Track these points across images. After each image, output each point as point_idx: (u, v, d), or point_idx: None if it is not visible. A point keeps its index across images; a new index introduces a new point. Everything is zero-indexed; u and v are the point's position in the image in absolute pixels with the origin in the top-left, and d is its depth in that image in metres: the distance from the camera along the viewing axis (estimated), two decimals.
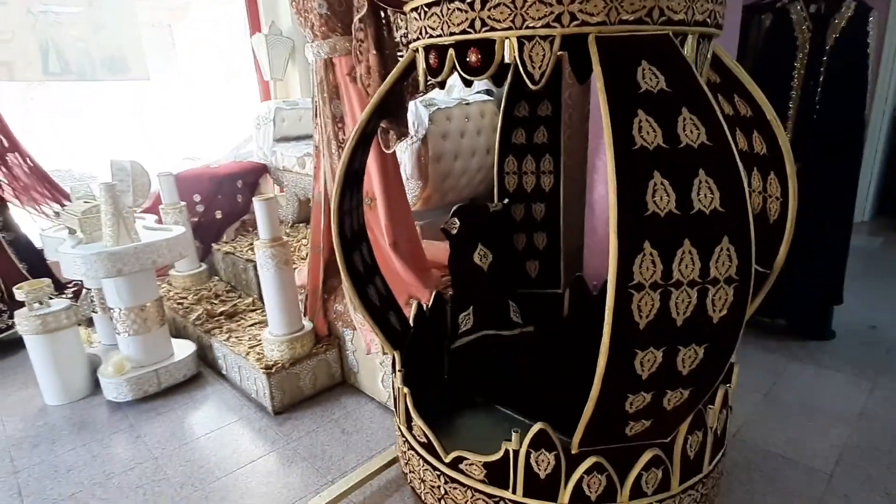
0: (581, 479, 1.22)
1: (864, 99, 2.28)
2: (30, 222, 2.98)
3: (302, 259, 2.74)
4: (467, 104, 2.72)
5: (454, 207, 1.85)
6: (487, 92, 2.93)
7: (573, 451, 1.20)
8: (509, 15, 1.06)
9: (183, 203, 3.09)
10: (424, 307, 1.82)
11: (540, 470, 1.23)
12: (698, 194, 0.99)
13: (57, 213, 2.95)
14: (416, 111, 2.47)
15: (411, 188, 2.55)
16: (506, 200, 2.00)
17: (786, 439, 1.85)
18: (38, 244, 2.96)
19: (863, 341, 2.51)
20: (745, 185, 1.02)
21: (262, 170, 3.65)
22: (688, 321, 1.01)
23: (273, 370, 2.11)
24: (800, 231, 1.45)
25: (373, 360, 2.14)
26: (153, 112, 4.08)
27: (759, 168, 1.47)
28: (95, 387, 2.35)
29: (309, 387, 2.24)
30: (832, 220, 2.38)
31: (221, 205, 3.43)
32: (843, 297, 2.49)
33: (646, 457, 1.22)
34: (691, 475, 1.31)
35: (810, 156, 2.27)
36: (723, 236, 0.99)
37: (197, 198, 3.37)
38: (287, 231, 3.36)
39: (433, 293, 1.91)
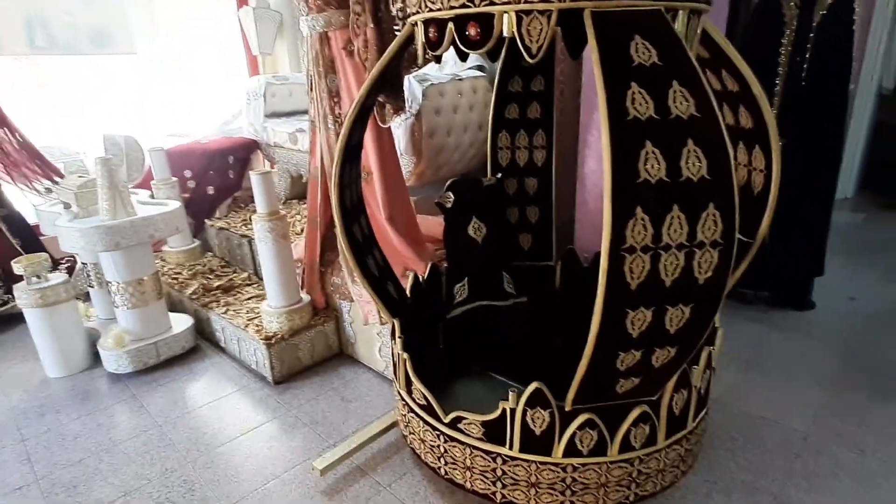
0: (574, 434, 1.29)
1: (848, 76, 2.34)
2: (22, 199, 2.97)
3: (297, 234, 2.77)
4: (460, 80, 2.74)
5: (448, 182, 1.88)
6: (479, 68, 2.94)
7: (567, 409, 1.27)
8: None
9: (175, 178, 3.10)
10: (420, 278, 1.88)
11: (535, 427, 1.31)
12: (687, 163, 1.05)
13: (49, 189, 2.94)
14: (410, 87, 2.48)
15: (405, 164, 2.57)
16: (499, 175, 2.04)
17: (765, 402, 1.95)
18: (30, 220, 2.96)
19: (842, 312, 2.62)
20: (731, 155, 1.08)
21: (253, 145, 3.63)
22: (676, 282, 1.07)
23: (273, 341, 2.16)
24: (782, 207, 1.51)
25: (370, 330, 2.20)
26: (136, 87, 4.02)
27: (744, 142, 1.53)
28: (95, 360, 2.39)
29: (307, 357, 2.30)
30: (814, 197, 2.45)
31: (213, 180, 3.43)
32: (825, 270, 2.58)
33: (634, 413, 1.29)
34: (676, 431, 1.39)
35: (795, 132, 2.33)
36: (709, 202, 1.05)
37: (188, 173, 3.36)
38: (280, 207, 3.36)
39: (429, 265, 1.96)
